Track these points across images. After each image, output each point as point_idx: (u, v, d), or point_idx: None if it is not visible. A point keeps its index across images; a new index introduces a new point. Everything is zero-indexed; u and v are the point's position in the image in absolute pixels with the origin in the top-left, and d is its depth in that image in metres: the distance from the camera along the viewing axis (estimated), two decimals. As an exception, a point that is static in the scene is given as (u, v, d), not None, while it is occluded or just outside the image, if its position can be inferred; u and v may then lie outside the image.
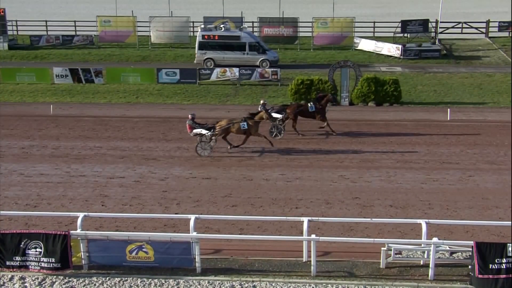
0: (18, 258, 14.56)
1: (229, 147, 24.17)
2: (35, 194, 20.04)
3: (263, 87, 34.96)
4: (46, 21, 48.76)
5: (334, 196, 19.80)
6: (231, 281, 14.30)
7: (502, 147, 24.64)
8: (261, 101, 25.91)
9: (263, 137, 24.31)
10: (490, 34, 48.03)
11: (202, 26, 40.84)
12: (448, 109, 29.03)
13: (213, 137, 23.80)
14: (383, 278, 14.37)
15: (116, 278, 14.44)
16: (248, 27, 44.55)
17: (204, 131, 23.72)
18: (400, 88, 31.86)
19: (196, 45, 39.79)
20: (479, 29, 48.11)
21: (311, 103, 26.62)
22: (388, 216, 18.11)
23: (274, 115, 25.51)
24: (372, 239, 15.26)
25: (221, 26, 40.25)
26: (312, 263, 14.45)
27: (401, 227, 17.09)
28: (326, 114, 26.56)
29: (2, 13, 44.60)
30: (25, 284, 14.37)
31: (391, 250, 14.66)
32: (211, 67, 37.95)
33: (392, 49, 42.50)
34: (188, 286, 14.18)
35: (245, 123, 24.08)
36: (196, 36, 40.82)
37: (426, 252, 14.61)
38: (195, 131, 23.86)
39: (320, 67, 38.51)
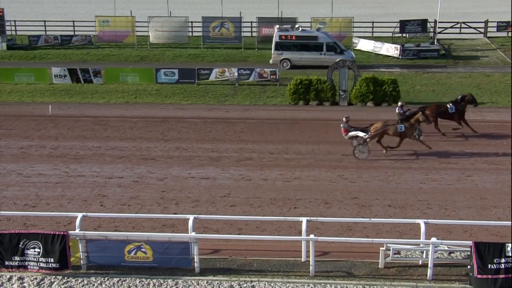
0: (16, 258, 14.56)
1: (384, 151, 23.69)
2: (34, 194, 20.03)
3: (261, 87, 34.97)
4: (44, 21, 48.74)
5: (333, 196, 19.81)
6: (230, 281, 14.31)
7: (501, 147, 24.65)
8: (399, 103, 25.54)
9: (418, 141, 23.78)
10: (489, 34, 48.04)
11: (278, 26, 40.35)
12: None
13: (367, 140, 23.38)
14: (381, 278, 14.38)
15: (115, 278, 14.44)
16: (246, 27, 44.67)
17: (360, 133, 23.47)
18: (398, 88, 31.85)
19: (273, 46, 39.43)
20: (477, 29, 48.13)
21: (451, 104, 26.07)
22: (387, 216, 18.12)
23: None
24: (371, 239, 15.27)
25: (298, 26, 40.10)
26: (310, 263, 14.46)
27: (400, 227, 17.11)
28: (464, 115, 25.95)
29: (0, 13, 44.53)
30: (24, 284, 14.37)
31: (389, 250, 14.67)
32: (288, 67, 38.32)
33: (390, 49, 42.50)
34: (187, 286, 14.18)
35: (402, 125, 23.62)
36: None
37: (424, 252, 14.63)
38: (350, 133, 23.66)
39: (319, 67, 38.48)
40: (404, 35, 45.81)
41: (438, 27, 46.51)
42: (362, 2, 68.65)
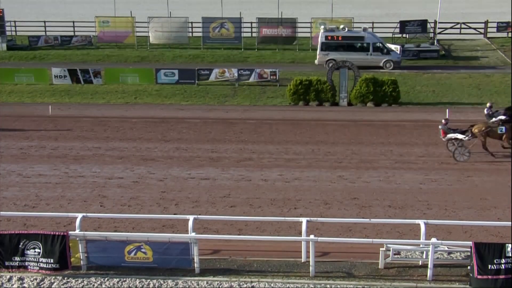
0: (16, 259, 14.55)
1: (490, 154, 23.44)
2: (34, 195, 20.03)
3: (261, 88, 34.97)
4: (44, 21, 48.72)
5: (333, 197, 19.80)
6: (230, 281, 14.30)
7: (501, 148, 24.61)
8: (488, 104, 25.40)
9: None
10: (489, 35, 48.02)
11: (323, 27, 40.19)
12: (447, 110, 29.04)
13: (470, 141, 23.25)
14: (381, 278, 14.37)
15: (115, 279, 14.43)
16: (246, 27, 44.67)
17: (459, 136, 23.35)
18: (398, 88, 31.86)
19: (319, 46, 39.28)
20: (477, 29, 48.12)
21: None
22: (387, 217, 18.12)
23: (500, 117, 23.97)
24: (371, 240, 15.27)
25: (343, 26, 39.91)
26: (310, 264, 14.45)
27: (400, 228, 17.10)
28: None
29: (0, 14, 44.52)
30: (24, 284, 14.36)
31: (389, 250, 14.66)
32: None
33: (390, 50, 42.45)
34: (187, 286, 14.18)
35: (503, 127, 23.34)
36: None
37: (424, 252, 14.62)
38: (449, 136, 23.59)
39: (318, 67, 38.50)
40: (404, 35, 45.82)
41: (438, 28, 46.50)
42: (362, 3, 68.63)
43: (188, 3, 64.97)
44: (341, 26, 40.19)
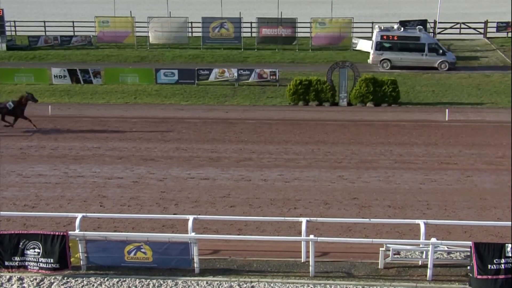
0: (16, 259, 14.55)
1: None
2: (33, 195, 20.03)
3: (261, 88, 34.97)
4: (44, 21, 48.71)
5: (333, 197, 19.81)
6: (230, 281, 14.30)
7: (501, 148, 24.67)
8: None
9: None
10: (488, 35, 48.01)
11: (378, 26, 39.97)
12: (447, 110, 29.05)
13: None
14: (381, 278, 14.38)
15: (115, 279, 14.43)
16: (246, 27, 44.65)
17: None
18: (398, 88, 31.86)
19: (373, 46, 39.10)
20: (477, 29, 48.12)
21: None
22: (387, 217, 18.12)
23: None
24: (371, 240, 15.27)
25: (398, 26, 39.66)
26: (310, 264, 14.46)
27: (400, 228, 17.11)
28: None
29: (0, 14, 44.52)
30: (24, 284, 14.36)
31: (389, 250, 14.67)
32: (388, 68, 38.10)
33: (390, 50, 42.44)
34: (187, 286, 14.18)
35: None
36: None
37: (424, 252, 14.63)
38: None
39: (318, 67, 38.52)
40: (404, 35, 45.72)
41: (438, 28, 46.50)
42: (362, 3, 68.65)
43: (187, 3, 64.99)
44: (396, 26, 39.94)
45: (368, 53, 42.65)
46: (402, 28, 39.39)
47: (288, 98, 32.12)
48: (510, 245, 13.78)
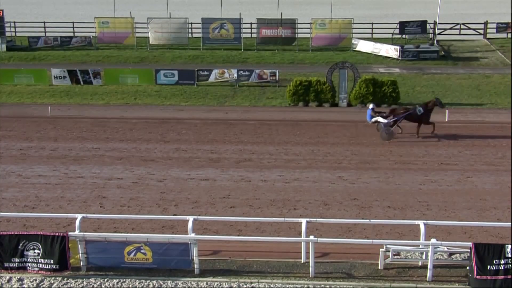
0: (16, 260, 14.54)
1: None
2: (33, 196, 20.02)
3: (261, 88, 34.98)
4: (44, 22, 48.75)
5: (332, 197, 19.80)
6: (230, 282, 14.30)
7: (500, 148, 24.67)
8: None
9: None
10: (488, 35, 48.03)
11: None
12: (446, 110, 29.05)
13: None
14: (381, 279, 14.38)
15: (114, 280, 14.43)
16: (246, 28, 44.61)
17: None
18: (398, 89, 31.87)
19: None
20: (477, 30, 48.13)
21: None
22: (386, 217, 18.12)
23: None
24: (370, 240, 15.26)
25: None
26: (310, 264, 14.46)
27: (399, 228, 17.11)
28: None
29: (0, 14, 44.53)
30: (23, 285, 14.36)
31: (389, 251, 14.67)
32: None
33: (390, 50, 42.52)
34: (187, 287, 14.18)
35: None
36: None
37: (424, 253, 14.63)
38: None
39: (318, 68, 38.53)
40: (403, 36, 45.82)
41: (438, 28, 46.49)
42: (362, 4, 68.70)
43: (187, 3, 65.03)
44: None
45: (368, 53, 42.74)
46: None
47: (288, 99, 32.13)
48: (510, 245, 13.78)
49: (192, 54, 43.58)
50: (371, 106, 26.67)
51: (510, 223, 14.92)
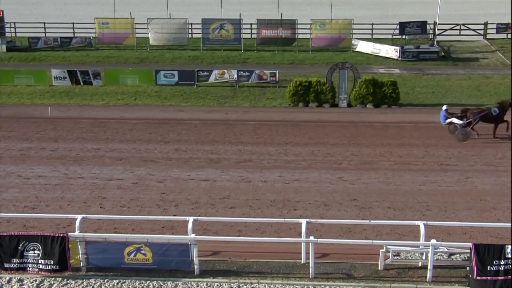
0: (16, 260, 14.54)
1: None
2: (33, 196, 20.02)
3: (261, 89, 34.99)
4: (44, 23, 48.76)
5: (332, 198, 19.80)
6: (229, 283, 14.30)
7: (500, 149, 24.66)
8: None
9: None
10: (488, 36, 48.03)
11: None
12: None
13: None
14: (381, 279, 14.38)
15: (114, 280, 14.43)
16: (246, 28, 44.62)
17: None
18: (398, 89, 31.88)
19: None
20: (477, 31, 48.12)
21: None
22: (386, 218, 18.11)
23: None
24: (370, 241, 15.26)
25: None
26: (310, 265, 14.46)
27: (399, 229, 17.10)
28: None
29: (0, 15, 44.54)
30: (23, 286, 14.36)
31: (389, 251, 14.67)
32: None
33: (390, 51, 42.53)
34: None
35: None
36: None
37: (424, 253, 14.63)
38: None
39: (318, 68, 38.54)
40: (403, 37, 45.81)
41: (438, 29, 46.50)
42: (362, 4, 68.72)
43: (187, 4, 65.05)
44: None
45: (368, 54, 42.74)
46: None
47: (288, 99, 32.13)
48: (510, 246, 13.78)
49: (192, 54, 43.59)
50: (444, 107, 26.24)
51: (510, 224, 14.91)
